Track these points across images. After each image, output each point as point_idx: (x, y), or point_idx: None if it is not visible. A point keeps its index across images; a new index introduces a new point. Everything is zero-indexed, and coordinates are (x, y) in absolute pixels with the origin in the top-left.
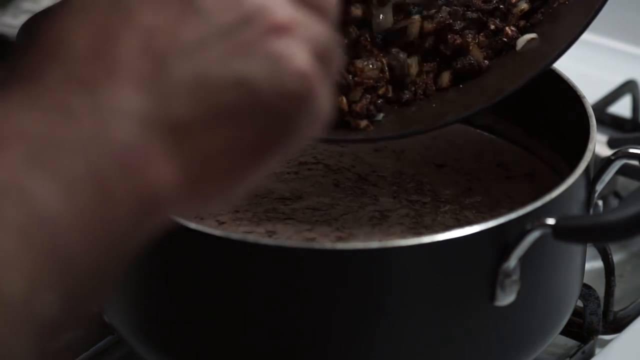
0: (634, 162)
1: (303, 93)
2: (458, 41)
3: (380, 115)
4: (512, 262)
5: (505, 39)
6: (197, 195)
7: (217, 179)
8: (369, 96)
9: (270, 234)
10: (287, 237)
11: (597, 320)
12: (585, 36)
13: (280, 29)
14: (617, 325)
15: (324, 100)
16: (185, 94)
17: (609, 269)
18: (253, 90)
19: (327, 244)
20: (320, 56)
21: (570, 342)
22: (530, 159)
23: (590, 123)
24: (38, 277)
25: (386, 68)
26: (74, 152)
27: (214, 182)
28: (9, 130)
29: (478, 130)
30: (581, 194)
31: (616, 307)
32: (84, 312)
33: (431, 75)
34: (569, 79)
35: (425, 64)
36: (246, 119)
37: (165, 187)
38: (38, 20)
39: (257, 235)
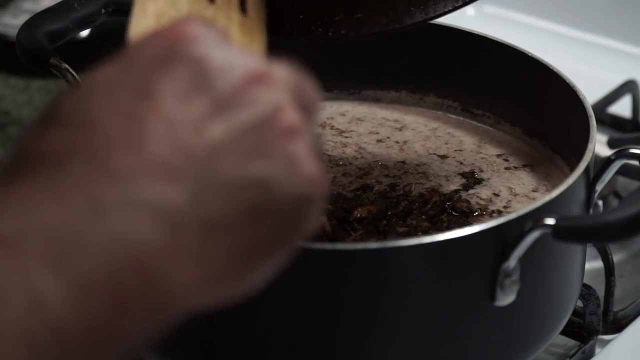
0: (634, 162)
1: (312, 196)
2: None
3: None
4: (512, 262)
5: None
6: (213, 291)
7: (233, 276)
8: None
9: None
10: None
11: (597, 320)
12: (586, 36)
13: (292, 131)
14: (617, 325)
15: (322, 204)
16: (215, 193)
17: (609, 269)
18: (272, 191)
19: (327, 244)
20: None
21: (570, 342)
22: (530, 150)
23: (590, 123)
24: None
25: None
26: (95, 252)
27: (231, 279)
28: (30, 223)
29: (479, 124)
30: (581, 194)
31: (616, 307)
32: None
33: None
34: (569, 79)
35: None
36: (265, 218)
37: (186, 289)
38: (59, 95)
39: None
